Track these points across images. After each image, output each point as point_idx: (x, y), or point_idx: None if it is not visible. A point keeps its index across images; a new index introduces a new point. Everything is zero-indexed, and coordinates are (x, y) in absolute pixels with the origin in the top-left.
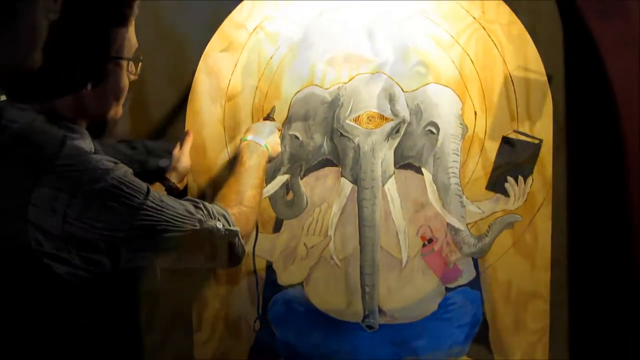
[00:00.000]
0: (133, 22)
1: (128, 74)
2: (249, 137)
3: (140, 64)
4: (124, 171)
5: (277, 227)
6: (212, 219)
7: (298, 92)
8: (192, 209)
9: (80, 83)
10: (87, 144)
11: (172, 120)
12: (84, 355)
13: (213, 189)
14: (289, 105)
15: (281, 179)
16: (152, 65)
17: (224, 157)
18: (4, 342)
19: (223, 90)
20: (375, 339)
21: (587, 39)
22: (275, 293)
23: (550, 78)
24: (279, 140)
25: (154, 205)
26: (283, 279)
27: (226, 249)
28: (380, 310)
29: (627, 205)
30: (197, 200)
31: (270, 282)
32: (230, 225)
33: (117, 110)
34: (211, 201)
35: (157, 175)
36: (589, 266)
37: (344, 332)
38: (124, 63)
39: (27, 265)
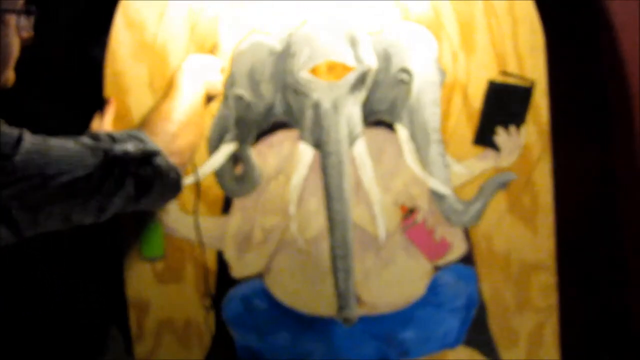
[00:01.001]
0: None
1: (19, 30)
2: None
3: (33, 18)
4: None
5: (226, 207)
6: (118, 143)
7: (240, 42)
8: (89, 141)
9: None
10: None
11: (87, 87)
12: None
13: None
14: (231, 59)
15: (227, 148)
16: (58, 18)
17: None
18: None
19: (149, 46)
20: (355, 334)
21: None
22: (229, 288)
23: None
24: (220, 78)
25: (34, 147)
26: (237, 270)
27: (152, 175)
28: (358, 299)
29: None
30: (99, 131)
31: (222, 275)
32: (146, 145)
33: (8, 76)
34: None
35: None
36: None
37: (316, 330)
38: (10, 18)
39: None
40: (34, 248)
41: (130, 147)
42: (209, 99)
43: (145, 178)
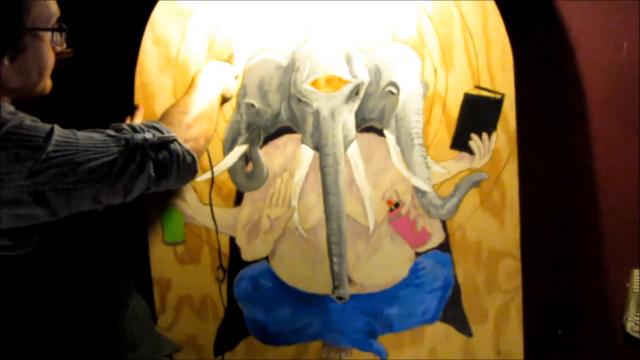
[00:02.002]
0: None
1: (53, 45)
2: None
3: (64, 34)
4: (21, 117)
5: (238, 200)
6: (138, 132)
7: (251, 58)
8: (113, 132)
9: None
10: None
11: (119, 95)
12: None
13: None
14: (243, 73)
15: (239, 149)
16: (95, 36)
17: None
18: None
19: (173, 60)
20: (347, 310)
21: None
22: (240, 269)
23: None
24: (235, 84)
25: (63, 139)
26: (247, 254)
27: (169, 159)
28: (350, 280)
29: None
30: (121, 123)
31: (233, 258)
32: (163, 133)
33: (45, 85)
34: None
35: None
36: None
37: (314, 305)
38: (45, 34)
39: None
40: (75, 237)
41: (148, 135)
42: (224, 100)
43: (164, 162)
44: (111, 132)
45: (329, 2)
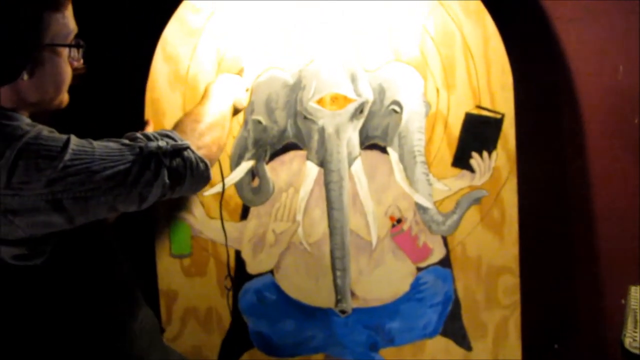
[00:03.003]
0: (70, 6)
1: (70, 60)
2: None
3: (82, 50)
4: (39, 129)
5: (244, 214)
6: (152, 140)
7: (259, 76)
8: (127, 141)
9: (13, 73)
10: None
11: (131, 110)
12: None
13: None
14: (251, 90)
15: (246, 165)
16: (107, 53)
17: None
18: None
19: (182, 77)
20: (349, 323)
21: None
22: (245, 282)
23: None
24: (245, 96)
25: (80, 148)
26: (252, 267)
27: (183, 167)
28: (353, 294)
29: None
30: (135, 133)
31: (239, 271)
32: (176, 141)
33: (62, 99)
34: None
35: None
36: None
37: (317, 319)
38: (62, 50)
39: None
40: (88, 247)
41: (162, 143)
42: (236, 111)
43: (178, 169)
44: (126, 141)
45: (335, 23)
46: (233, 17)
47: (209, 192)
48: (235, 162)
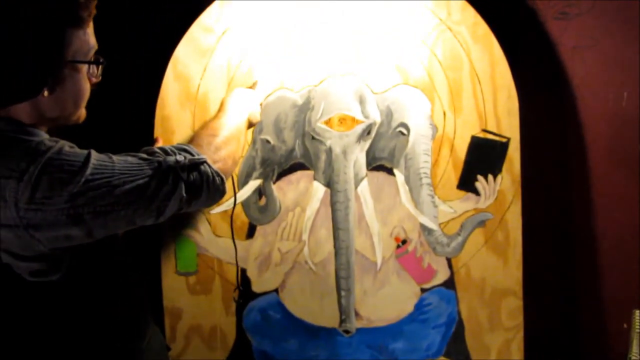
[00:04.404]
0: (91, 23)
1: (89, 76)
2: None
3: (101, 66)
4: (61, 144)
5: (250, 233)
6: (170, 155)
7: (269, 95)
8: (146, 155)
9: (35, 89)
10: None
11: (140, 127)
12: None
13: None
14: (260, 109)
15: (254, 183)
16: (118, 70)
17: None
18: None
19: (193, 95)
20: (353, 343)
21: None
22: (250, 301)
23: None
24: (259, 110)
25: (100, 163)
26: (257, 286)
27: (200, 180)
28: (357, 314)
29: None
30: (153, 147)
31: (244, 289)
32: (193, 155)
33: (80, 114)
34: None
35: None
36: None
37: (321, 338)
38: (82, 66)
39: None
40: (102, 264)
41: (180, 157)
42: (250, 125)
43: (195, 183)
44: (144, 155)
45: (344, 44)
46: (244, 37)
47: (217, 210)
48: (243, 181)
